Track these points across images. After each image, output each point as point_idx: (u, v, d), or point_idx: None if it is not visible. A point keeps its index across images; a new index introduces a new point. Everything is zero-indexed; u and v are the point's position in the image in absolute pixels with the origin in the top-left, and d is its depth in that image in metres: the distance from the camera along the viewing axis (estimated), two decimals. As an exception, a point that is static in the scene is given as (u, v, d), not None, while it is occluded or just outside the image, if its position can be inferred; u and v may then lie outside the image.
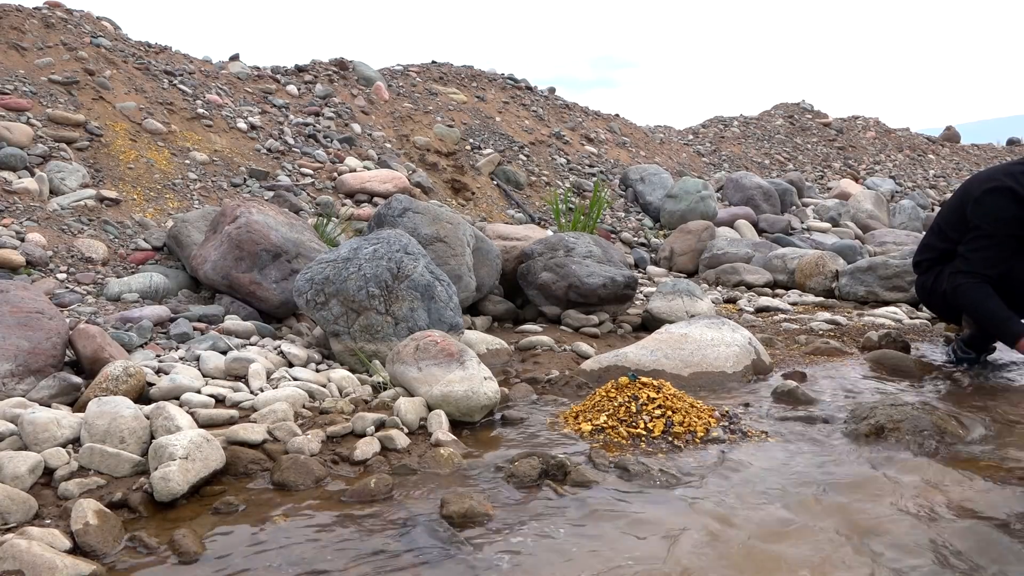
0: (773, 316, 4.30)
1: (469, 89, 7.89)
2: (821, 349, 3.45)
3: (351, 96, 6.68)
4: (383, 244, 2.97)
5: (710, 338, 3.06)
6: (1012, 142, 12.77)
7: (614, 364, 2.97)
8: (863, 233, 7.25)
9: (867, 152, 10.87)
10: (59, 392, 2.26)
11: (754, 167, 9.52)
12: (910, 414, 2.32)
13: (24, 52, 4.78)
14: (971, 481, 2.00)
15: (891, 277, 4.60)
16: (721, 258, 5.47)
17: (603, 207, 6.06)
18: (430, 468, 2.07)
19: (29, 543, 1.48)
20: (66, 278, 3.30)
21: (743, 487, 1.96)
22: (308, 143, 5.66)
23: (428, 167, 6.16)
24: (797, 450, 2.23)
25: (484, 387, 2.42)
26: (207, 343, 2.74)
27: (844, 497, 1.89)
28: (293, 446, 2.06)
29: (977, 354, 3.27)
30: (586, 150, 7.79)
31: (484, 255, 3.81)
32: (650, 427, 2.32)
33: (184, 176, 4.58)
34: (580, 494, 1.91)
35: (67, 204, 3.81)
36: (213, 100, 5.50)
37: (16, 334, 2.31)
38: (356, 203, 5.14)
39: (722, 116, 11.30)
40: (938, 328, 3.93)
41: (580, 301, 3.78)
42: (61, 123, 4.35)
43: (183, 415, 2.05)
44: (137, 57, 5.48)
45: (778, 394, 2.73)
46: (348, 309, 2.84)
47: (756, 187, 7.31)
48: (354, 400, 2.43)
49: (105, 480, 1.83)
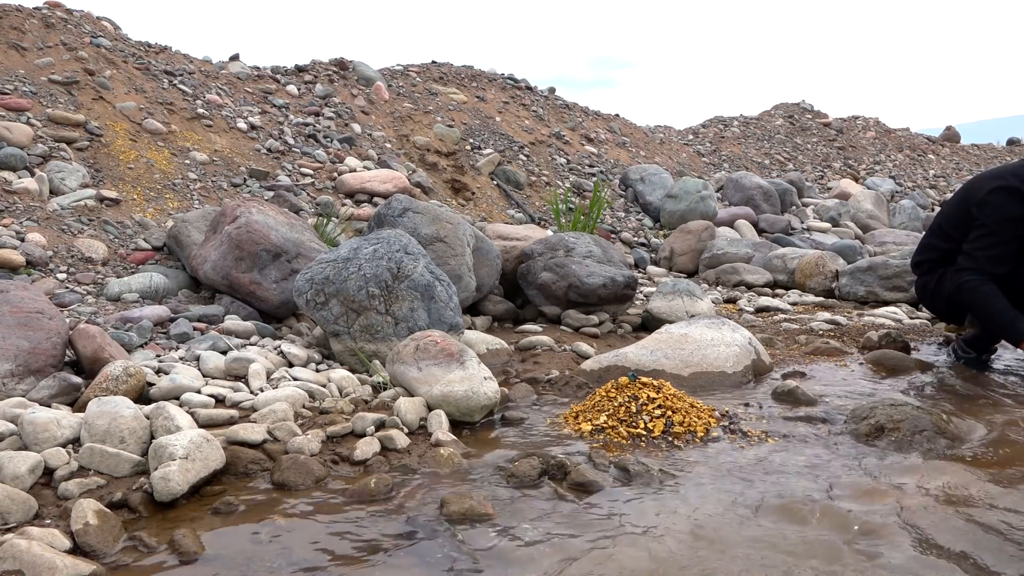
0: (773, 316, 4.30)
1: (469, 89, 7.89)
2: (821, 349, 3.45)
3: (351, 96, 6.68)
4: (383, 244, 2.97)
5: (710, 338, 3.06)
6: (1012, 142, 12.76)
7: (614, 364, 2.97)
8: (863, 233, 7.25)
9: (867, 152, 10.87)
10: (59, 392, 2.26)
11: (754, 167, 9.52)
12: (910, 414, 2.32)
13: (24, 52, 4.78)
14: (971, 481, 2.00)
15: (891, 277, 4.60)
16: (721, 258, 5.47)
17: (603, 207, 6.06)
18: (430, 468, 2.07)
19: (29, 543, 1.49)
20: (66, 278, 3.30)
21: (743, 487, 1.96)
22: (308, 143, 5.66)
23: (428, 167, 6.15)
24: (797, 450, 2.23)
25: (484, 387, 2.42)
26: (207, 343, 2.74)
27: (844, 497, 1.89)
28: (293, 446, 2.06)
29: (978, 354, 3.27)
30: (586, 150, 7.78)
31: (484, 255, 3.81)
32: (650, 427, 2.32)
33: (184, 176, 4.58)
34: (580, 494, 1.91)
35: (67, 204, 3.81)
36: (213, 100, 5.50)
37: (16, 334, 2.31)
38: (356, 203, 5.14)
39: (722, 116, 11.30)
40: (938, 328, 3.93)
41: (580, 301, 3.78)
42: (61, 123, 4.35)
43: (183, 415, 2.05)
44: (137, 57, 5.48)
45: (778, 394, 2.73)
46: (348, 309, 2.84)
47: (756, 187, 7.31)
48: (354, 400, 2.43)
49: (105, 480, 1.83)
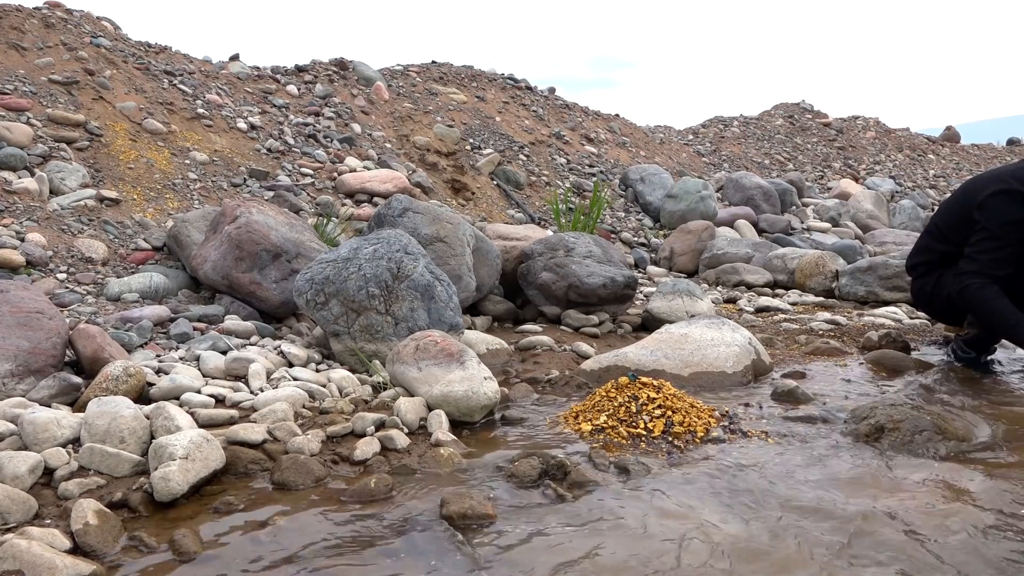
0: (773, 316, 4.30)
1: (469, 89, 7.89)
2: (821, 349, 3.45)
3: (351, 96, 6.68)
4: (383, 244, 2.97)
5: (710, 338, 3.06)
6: (1012, 142, 12.76)
7: (614, 364, 2.97)
8: (863, 233, 7.25)
9: (867, 152, 10.87)
10: (59, 392, 2.26)
11: (754, 167, 9.52)
12: (910, 414, 2.32)
13: (24, 52, 4.78)
14: (971, 481, 2.00)
15: (891, 277, 4.60)
16: (721, 258, 5.47)
17: (603, 207, 6.06)
18: (430, 468, 2.07)
19: (29, 543, 1.49)
20: (66, 278, 3.30)
21: (743, 487, 1.96)
22: (308, 143, 5.66)
23: (428, 167, 6.15)
24: (797, 450, 2.23)
25: (484, 387, 2.42)
26: (207, 343, 2.74)
27: (844, 497, 1.89)
28: (293, 446, 2.06)
29: (978, 354, 3.27)
30: (586, 150, 7.78)
31: (484, 255, 3.81)
32: (650, 427, 2.32)
33: (184, 176, 4.58)
34: (580, 494, 1.91)
35: (67, 204, 3.81)
36: (213, 100, 5.50)
37: (16, 334, 2.31)
38: (356, 203, 5.14)
39: (722, 116, 11.30)
40: (938, 328, 3.93)
41: (580, 301, 3.78)
42: (61, 123, 4.35)
43: (183, 415, 2.05)
44: (137, 57, 5.48)
45: (778, 394, 2.73)
46: (348, 309, 2.84)
47: (756, 187, 7.31)
48: (354, 400, 2.43)
49: (105, 480, 1.83)
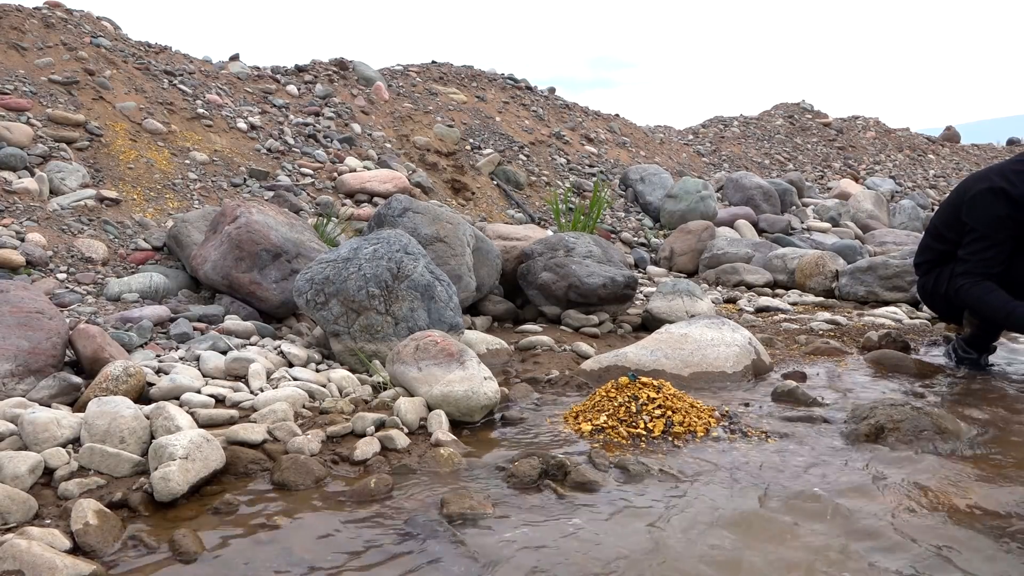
0: (773, 316, 4.30)
1: (469, 89, 7.89)
2: (821, 349, 3.45)
3: (351, 96, 6.68)
4: (383, 244, 2.97)
5: (710, 338, 3.06)
6: (1012, 142, 12.76)
7: (614, 364, 2.97)
8: (863, 233, 7.25)
9: (867, 152, 10.87)
10: (59, 392, 2.26)
11: (754, 167, 9.52)
12: (910, 414, 2.32)
13: (24, 52, 4.78)
14: (971, 481, 2.00)
15: (891, 277, 4.60)
16: (721, 258, 5.47)
17: (603, 207, 6.06)
18: (430, 468, 2.07)
19: (29, 543, 1.48)
20: (66, 278, 3.30)
21: (743, 487, 1.96)
22: (308, 143, 5.66)
23: (428, 167, 6.15)
24: (797, 450, 2.23)
25: (484, 387, 2.42)
26: (207, 343, 2.74)
27: (843, 498, 1.89)
28: (293, 446, 2.06)
29: (978, 354, 3.27)
30: (586, 150, 7.78)
31: (484, 255, 3.81)
32: (650, 427, 2.32)
33: (184, 176, 4.58)
34: (580, 494, 1.91)
35: (67, 204, 3.81)
36: (213, 100, 5.50)
37: (16, 334, 2.31)
38: (356, 203, 5.15)
39: (722, 116, 11.30)
40: (938, 328, 3.93)
41: (580, 301, 3.78)
42: (61, 123, 4.35)
43: (183, 415, 2.05)
44: (137, 57, 5.48)
45: (778, 394, 2.73)
46: (348, 309, 2.84)
47: (756, 187, 7.31)
48: (354, 400, 2.43)
49: (105, 480, 1.83)
